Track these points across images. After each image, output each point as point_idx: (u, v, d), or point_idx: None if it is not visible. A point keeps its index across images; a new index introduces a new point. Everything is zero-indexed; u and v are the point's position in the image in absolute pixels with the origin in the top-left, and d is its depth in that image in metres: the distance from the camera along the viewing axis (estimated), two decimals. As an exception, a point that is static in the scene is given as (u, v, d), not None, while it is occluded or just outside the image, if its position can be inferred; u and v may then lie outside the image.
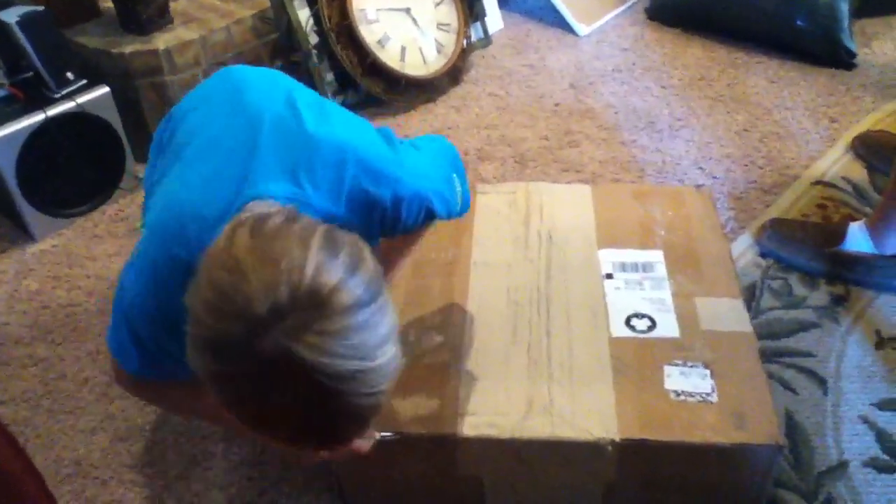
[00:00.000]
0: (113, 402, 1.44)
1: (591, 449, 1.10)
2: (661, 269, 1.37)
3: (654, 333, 1.25)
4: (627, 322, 1.27)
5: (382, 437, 1.10)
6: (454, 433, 1.12)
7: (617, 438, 1.09)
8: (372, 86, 2.19)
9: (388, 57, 2.20)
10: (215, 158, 0.93)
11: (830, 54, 2.29)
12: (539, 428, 1.11)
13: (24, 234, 1.85)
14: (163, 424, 1.40)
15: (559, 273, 1.37)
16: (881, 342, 1.46)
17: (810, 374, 1.39)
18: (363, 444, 1.07)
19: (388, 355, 0.73)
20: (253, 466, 1.32)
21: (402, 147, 1.06)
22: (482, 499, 1.20)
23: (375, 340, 0.72)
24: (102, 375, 1.49)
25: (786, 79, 2.28)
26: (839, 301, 1.54)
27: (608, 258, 1.40)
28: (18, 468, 0.97)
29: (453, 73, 2.34)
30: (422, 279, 1.36)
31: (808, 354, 1.43)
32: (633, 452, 1.10)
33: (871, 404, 1.35)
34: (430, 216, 1.06)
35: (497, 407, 1.15)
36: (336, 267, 0.70)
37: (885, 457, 1.27)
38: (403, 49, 2.24)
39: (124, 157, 1.92)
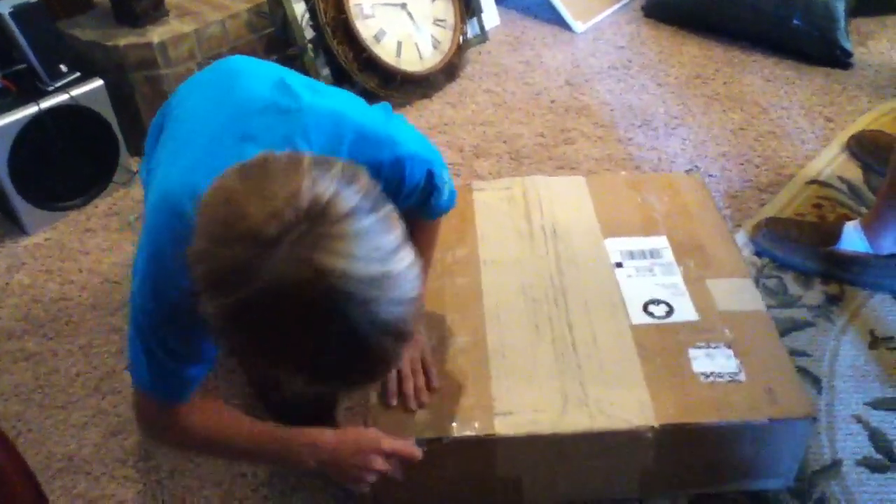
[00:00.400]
0: (105, 397, 1.43)
1: (631, 437, 1.11)
2: (669, 255, 1.39)
3: (674, 318, 1.27)
4: (645, 309, 1.29)
5: (425, 442, 1.11)
6: (494, 434, 1.12)
7: (656, 425, 1.11)
8: (367, 81, 2.18)
9: (384, 52, 2.19)
10: (208, 140, 0.93)
11: (827, 53, 2.29)
12: (578, 421, 1.12)
13: (16, 228, 1.84)
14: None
15: (569, 266, 1.37)
16: (875, 342, 1.46)
17: (804, 373, 1.39)
18: (414, 450, 1.08)
19: (407, 261, 0.71)
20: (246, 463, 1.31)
21: (397, 118, 1.08)
22: (520, 497, 1.20)
23: (390, 245, 0.70)
24: (94, 370, 1.48)
25: (782, 78, 2.28)
26: (834, 300, 1.54)
27: (615, 247, 1.41)
28: (8, 464, 0.96)
29: (449, 70, 2.34)
30: (432, 281, 1.35)
31: (803, 353, 1.43)
32: (671, 437, 1.12)
33: (865, 404, 1.35)
34: (431, 180, 1.06)
35: (533, 404, 1.15)
36: (330, 179, 0.69)
37: (879, 456, 1.27)
38: (399, 44, 2.23)
39: (118, 151, 1.91)
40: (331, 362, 0.70)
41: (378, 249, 0.69)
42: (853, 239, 1.56)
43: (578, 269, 1.37)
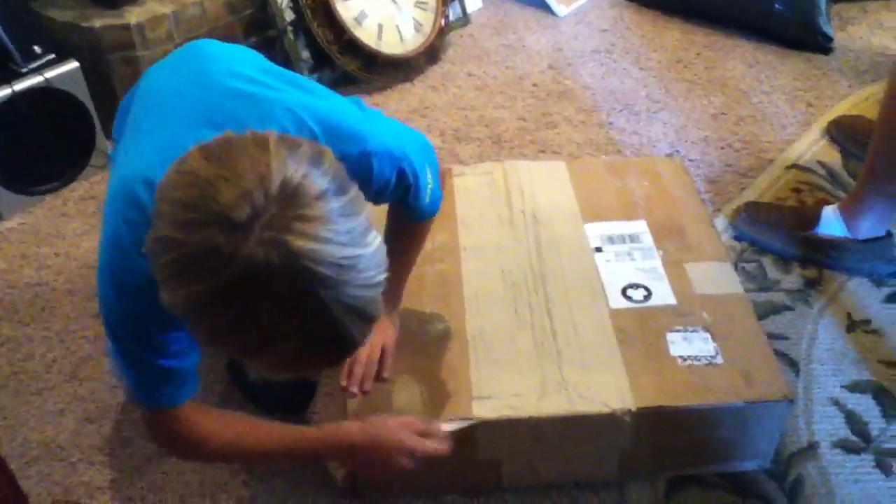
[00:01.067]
0: (82, 384, 1.42)
1: (609, 421, 1.12)
2: (648, 239, 1.39)
3: (652, 302, 1.28)
4: (624, 293, 1.29)
5: (458, 427, 1.10)
6: (472, 417, 1.12)
7: (634, 409, 1.11)
8: (348, 63, 2.16)
9: (365, 34, 2.17)
10: (170, 127, 0.91)
11: (808, 38, 2.29)
12: (557, 405, 1.13)
13: (-9, 212, 1.81)
14: (133, 406, 1.38)
15: (550, 251, 1.37)
16: (852, 325, 1.47)
17: (782, 356, 1.40)
18: (441, 445, 1.07)
19: (377, 242, 0.71)
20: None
21: (372, 112, 1.05)
22: (499, 479, 1.20)
23: (362, 226, 0.70)
24: (71, 356, 1.47)
25: (763, 62, 2.28)
26: (812, 284, 1.55)
27: (595, 232, 1.41)
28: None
29: (431, 53, 2.32)
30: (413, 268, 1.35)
31: (781, 337, 1.44)
32: (649, 421, 1.13)
33: (842, 386, 1.36)
34: (403, 179, 1.03)
35: (512, 389, 1.16)
36: (298, 160, 0.68)
37: (854, 438, 1.28)
38: (380, 27, 2.21)
39: (94, 134, 1.88)
40: (299, 346, 0.70)
41: (349, 232, 0.68)
42: (831, 223, 1.57)
43: (558, 254, 1.37)
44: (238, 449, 1.07)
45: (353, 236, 0.68)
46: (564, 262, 1.35)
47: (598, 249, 1.37)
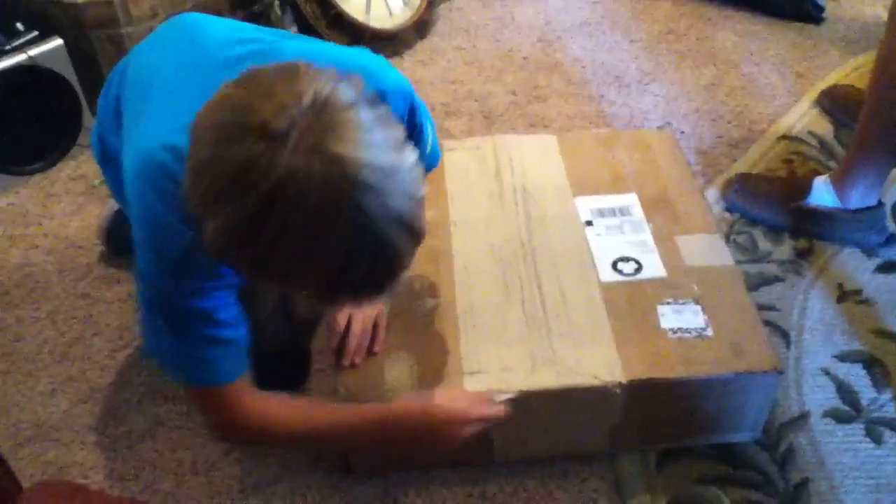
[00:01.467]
0: (74, 364, 1.42)
1: (599, 394, 1.12)
2: (638, 212, 1.39)
3: (642, 275, 1.27)
4: (614, 266, 1.29)
5: (506, 398, 1.11)
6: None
7: (624, 381, 1.11)
8: (336, 38, 2.14)
9: (353, 8, 2.14)
10: (178, 97, 0.89)
11: (799, 8, 2.28)
12: (547, 379, 1.13)
13: (-23, 193, 1.80)
14: (125, 386, 1.38)
15: (539, 225, 1.37)
16: (843, 295, 1.47)
17: (774, 327, 1.41)
18: (503, 413, 1.08)
19: (413, 157, 0.72)
20: (218, 426, 1.31)
21: (376, 56, 1.05)
22: (490, 453, 1.20)
23: (399, 136, 0.71)
24: (61, 337, 1.46)
25: (754, 33, 2.26)
26: (803, 255, 1.56)
27: (585, 206, 1.40)
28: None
29: (420, 26, 2.30)
30: None
31: (772, 308, 1.45)
32: (639, 393, 1.13)
33: (833, 356, 1.37)
34: (414, 116, 1.03)
35: (502, 363, 1.16)
36: (327, 78, 0.69)
37: (845, 407, 1.29)
38: (368, 0, 2.18)
39: (81, 113, 1.86)
40: (344, 261, 0.69)
41: (387, 140, 0.69)
42: (822, 194, 1.56)
43: (548, 228, 1.36)
44: (308, 428, 1.04)
45: (392, 144, 0.69)
46: (554, 236, 1.35)
47: (589, 223, 1.37)
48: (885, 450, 1.22)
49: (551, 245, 1.33)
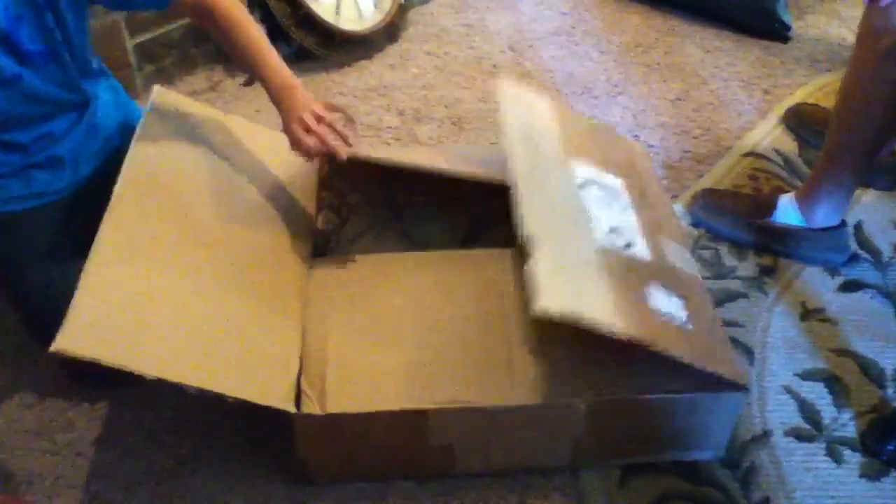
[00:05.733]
0: (21, 369, 1.36)
1: (563, 409, 1.11)
2: (626, 197, 1.32)
3: (632, 252, 1.21)
4: (610, 232, 1.22)
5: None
6: (425, 407, 1.10)
7: (590, 400, 1.10)
8: (305, 39, 2.11)
9: (322, 9, 2.11)
10: None
11: (766, 26, 2.30)
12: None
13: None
14: (74, 393, 1.33)
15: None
16: (806, 313, 1.48)
17: (737, 343, 1.41)
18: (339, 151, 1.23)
19: None
20: (169, 434, 1.27)
21: None
22: (452, 464, 1.18)
23: None
24: (9, 341, 1.41)
25: (722, 49, 2.28)
26: (767, 272, 1.56)
27: (580, 169, 1.32)
28: None
29: (390, 30, 2.28)
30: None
31: (736, 324, 1.45)
32: (602, 409, 1.11)
33: (795, 374, 1.37)
34: None
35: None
36: None
37: (807, 426, 1.29)
38: (338, 2, 2.16)
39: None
40: None
41: None
42: (787, 211, 1.57)
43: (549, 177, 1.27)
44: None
45: None
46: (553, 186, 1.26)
47: (582, 187, 1.28)
48: (845, 469, 1.23)
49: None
